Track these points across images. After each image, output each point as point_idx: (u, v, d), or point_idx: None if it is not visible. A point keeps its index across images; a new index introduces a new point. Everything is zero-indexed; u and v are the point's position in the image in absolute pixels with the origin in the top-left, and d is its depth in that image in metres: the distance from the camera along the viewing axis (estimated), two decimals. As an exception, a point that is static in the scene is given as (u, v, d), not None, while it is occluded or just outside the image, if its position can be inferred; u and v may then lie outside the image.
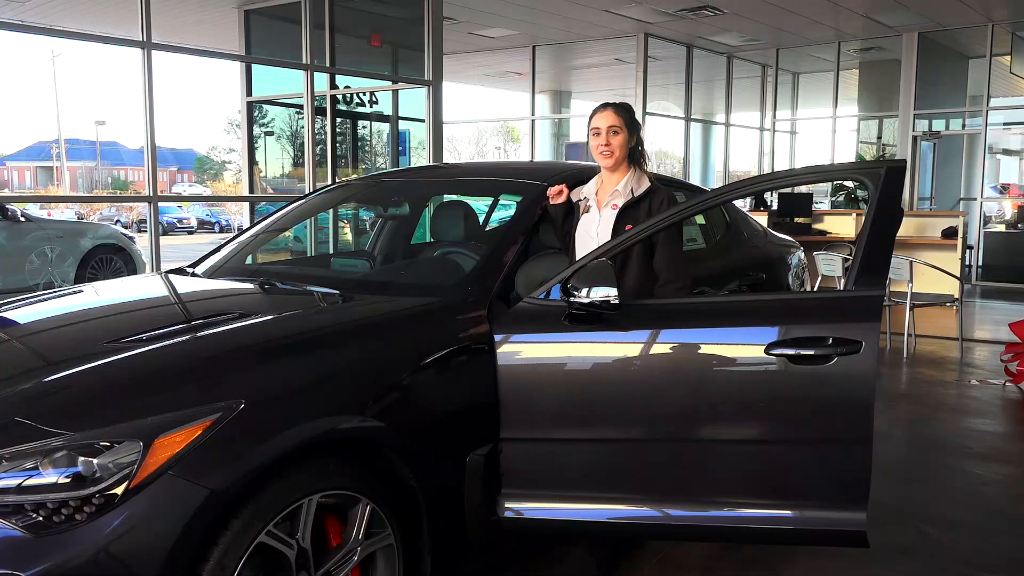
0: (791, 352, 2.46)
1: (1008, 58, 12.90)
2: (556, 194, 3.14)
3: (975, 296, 11.19)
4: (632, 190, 3.04)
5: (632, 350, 2.61)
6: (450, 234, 3.67)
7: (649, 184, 3.05)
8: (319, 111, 8.84)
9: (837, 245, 9.65)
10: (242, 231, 3.98)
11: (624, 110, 3.10)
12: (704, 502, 2.61)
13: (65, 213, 20.94)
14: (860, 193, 13.04)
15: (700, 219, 4.27)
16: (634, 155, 3.11)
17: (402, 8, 9.51)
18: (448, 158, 16.21)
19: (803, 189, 18.04)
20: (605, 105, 3.12)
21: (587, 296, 2.54)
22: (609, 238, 2.93)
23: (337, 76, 9.19)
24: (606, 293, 2.52)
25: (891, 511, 3.75)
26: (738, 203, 6.03)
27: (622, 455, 2.67)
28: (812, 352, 2.45)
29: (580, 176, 3.55)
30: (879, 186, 2.64)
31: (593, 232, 3.03)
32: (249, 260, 3.68)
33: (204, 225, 32.02)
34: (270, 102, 10.06)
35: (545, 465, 2.69)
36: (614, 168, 3.08)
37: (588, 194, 3.13)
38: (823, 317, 2.54)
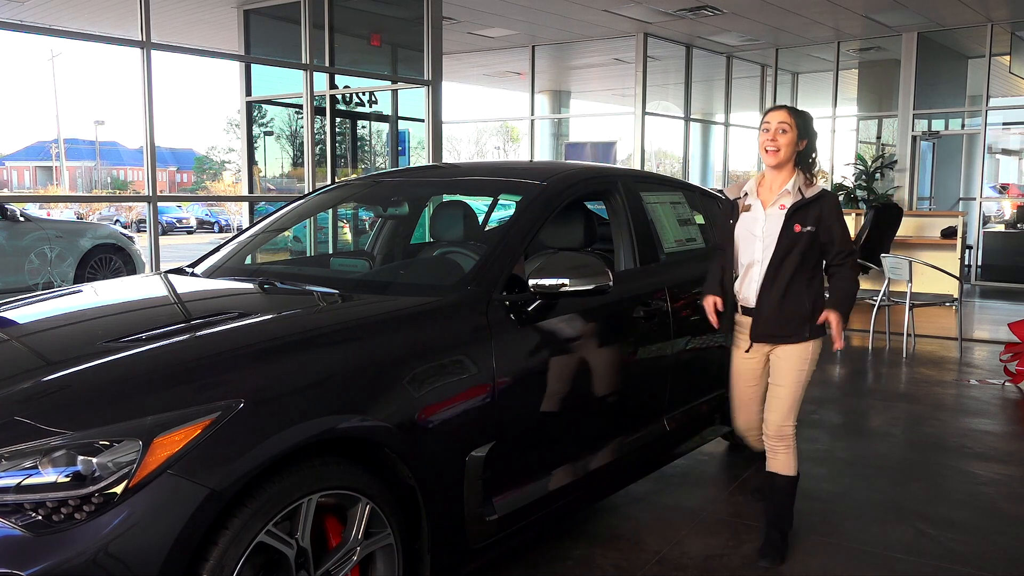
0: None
1: (1007, 58, 12.91)
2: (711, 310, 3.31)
3: (974, 296, 11.19)
4: (801, 190, 3.08)
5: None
6: (449, 234, 3.67)
7: (821, 188, 3.11)
8: (318, 111, 8.84)
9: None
10: (241, 231, 3.98)
11: (798, 115, 3.14)
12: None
13: (64, 213, 20.94)
14: (859, 193, 13.04)
15: (699, 219, 4.27)
16: (803, 159, 3.14)
17: (402, 8, 9.51)
18: (448, 158, 16.22)
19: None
20: (781, 105, 3.20)
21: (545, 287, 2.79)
22: (776, 237, 3.06)
23: (336, 76, 9.19)
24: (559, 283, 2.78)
25: (891, 511, 3.75)
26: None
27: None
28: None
29: (579, 175, 3.56)
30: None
31: (757, 231, 3.11)
32: (248, 260, 3.67)
33: (203, 225, 32.02)
34: (269, 102, 10.05)
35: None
36: (778, 166, 3.10)
37: (749, 191, 3.19)
38: None
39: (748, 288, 3.17)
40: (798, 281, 3.10)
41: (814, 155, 3.17)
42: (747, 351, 3.26)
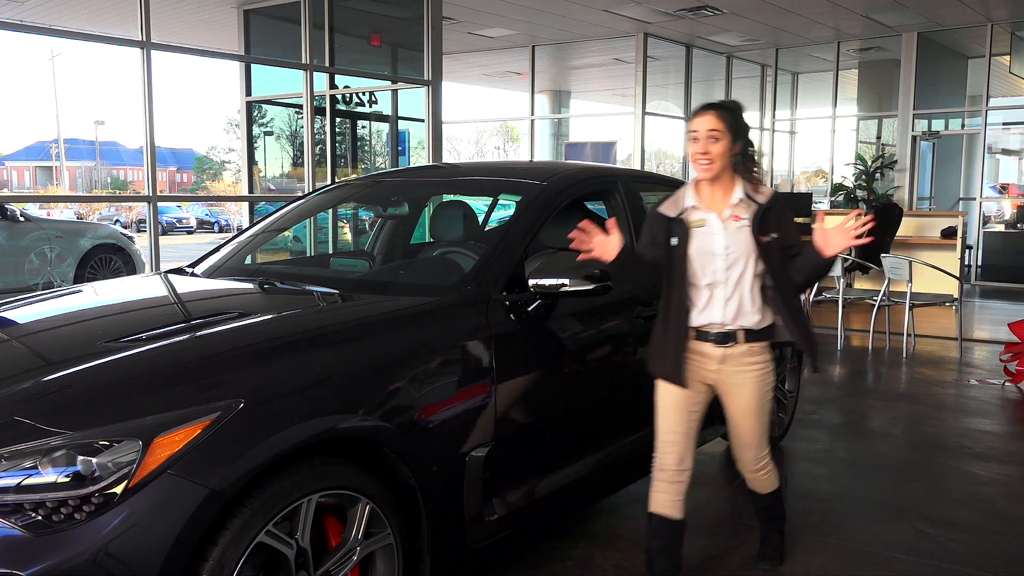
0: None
1: (1007, 58, 12.91)
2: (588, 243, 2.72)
3: (974, 296, 11.19)
4: (752, 197, 2.76)
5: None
6: (449, 234, 3.67)
7: (772, 190, 2.81)
8: (318, 111, 8.84)
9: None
10: (241, 231, 3.98)
11: (728, 114, 2.73)
12: None
13: (64, 213, 20.94)
14: (859, 193, 13.05)
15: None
16: (741, 162, 2.77)
17: (402, 8, 9.51)
18: (448, 158, 16.22)
19: (802, 189, 17.98)
20: (706, 107, 2.75)
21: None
22: (750, 249, 2.72)
23: (336, 76, 9.19)
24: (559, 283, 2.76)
25: (891, 511, 3.75)
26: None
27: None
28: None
29: (579, 175, 3.56)
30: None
31: (718, 248, 2.73)
32: (248, 260, 3.67)
33: (203, 225, 32.03)
34: (269, 102, 10.05)
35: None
36: (715, 179, 2.75)
37: (695, 204, 2.79)
38: None
39: (711, 313, 2.77)
40: (781, 292, 2.80)
41: (749, 152, 2.79)
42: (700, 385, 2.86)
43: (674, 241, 2.77)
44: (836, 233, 2.69)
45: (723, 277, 2.74)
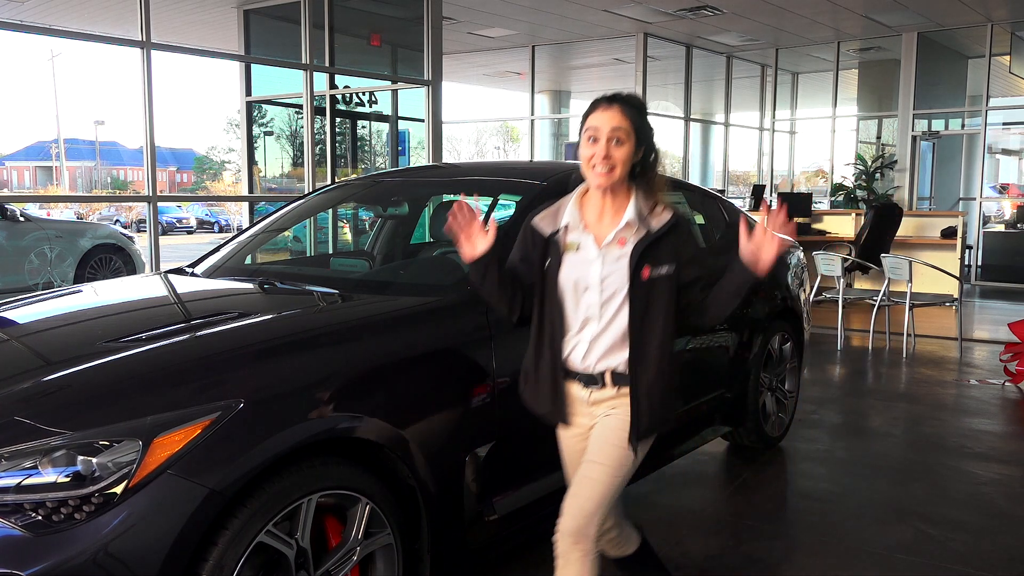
0: None
1: (1007, 58, 12.92)
2: (468, 227, 2.26)
3: (974, 296, 11.19)
4: (643, 217, 2.23)
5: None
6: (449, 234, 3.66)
7: (672, 213, 2.25)
8: (318, 111, 8.84)
9: (836, 245, 9.66)
10: (241, 231, 3.98)
11: (635, 112, 2.23)
12: None
13: (64, 213, 20.94)
14: (859, 193, 13.05)
15: (700, 219, 4.27)
16: (642, 172, 2.27)
17: (402, 8, 9.51)
18: (448, 158, 16.22)
19: (802, 189, 18.00)
20: (611, 99, 2.24)
21: None
22: (626, 286, 2.21)
23: (336, 76, 9.19)
24: None
25: (891, 510, 3.75)
26: (738, 203, 6.02)
27: None
28: None
29: (579, 175, 3.55)
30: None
31: (592, 280, 2.22)
32: (248, 260, 3.67)
33: (203, 225, 32.03)
34: (269, 102, 10.05)
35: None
36: (608, 192, 2.25)
37: (571, 223, 2.27)
38: None
39: (578, 350, 2.27)
40: (668, 340, 2.25)
41: (654, 159, 2.27)
42: (587, 427, 2.34)
43: (548, 263, 2.28)
44: (762, 242, 2.19)
45: (596, 313, 2.24)
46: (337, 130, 9.43)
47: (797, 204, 10.85)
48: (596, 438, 2.29)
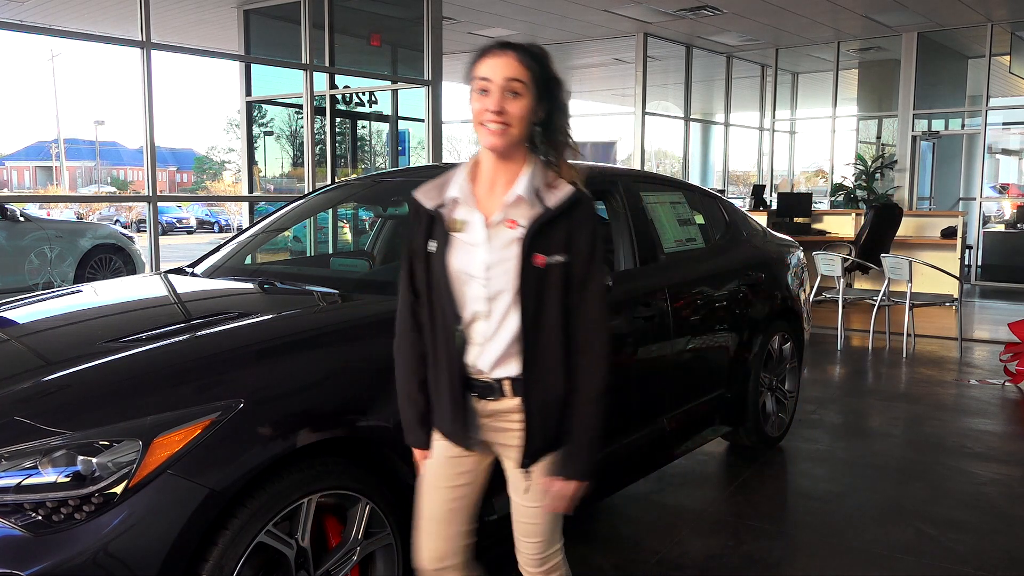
0: None
1: (1007, 58, 12.91)
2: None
3: (974, 296, 11.19)
4: (540, 194, 1.84)
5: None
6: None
7: (572, 188, 1.85)
8: (318, 111, 8.84)
9: (836, 245, 9.66)
10: (241, 231, 3.98)
11: (535, 59, 1.88)
12: None
13: (64, 213, 20.94)
14: (859, 193, 13.05)
15: (699, 219, 4.27)
16: (544, 136, 1.89)
17: (402, 8, 9.51)
18: (448, 158, 16.20)
19: (802, 189, 18.03)
20: (505, 45, 1.87)
21: None
22: (515, 276, 1.82)
23: (336, 76, 9.19)
24: None
25: (891, 511, 3.75)
26: (737, 203, 6.02)
27: None
28: None
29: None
30: None
31: (476, 268, 1.84)
32: (248, 260, 3.67)
33: (203, 225, 32.03)
34: (269, 102, 10.05)
35: None
36: (505, 153, 1.86)
37: (460, 195, 1.89)
38: None
39: (471, 353, 1.90)
40: (562, 341, 1.89)
41: (559, 123, 1.89)
42: (461, 451, 1.99)
43: (432, 246, 1.89)
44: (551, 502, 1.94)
45: (484, 309, 1.86)
46: (337, 130, 9.43)
47: (797, 204, 10.86)
48: (514, 465, 1.97)
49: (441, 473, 2.02)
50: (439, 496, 2.02)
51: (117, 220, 24.48)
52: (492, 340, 1.88)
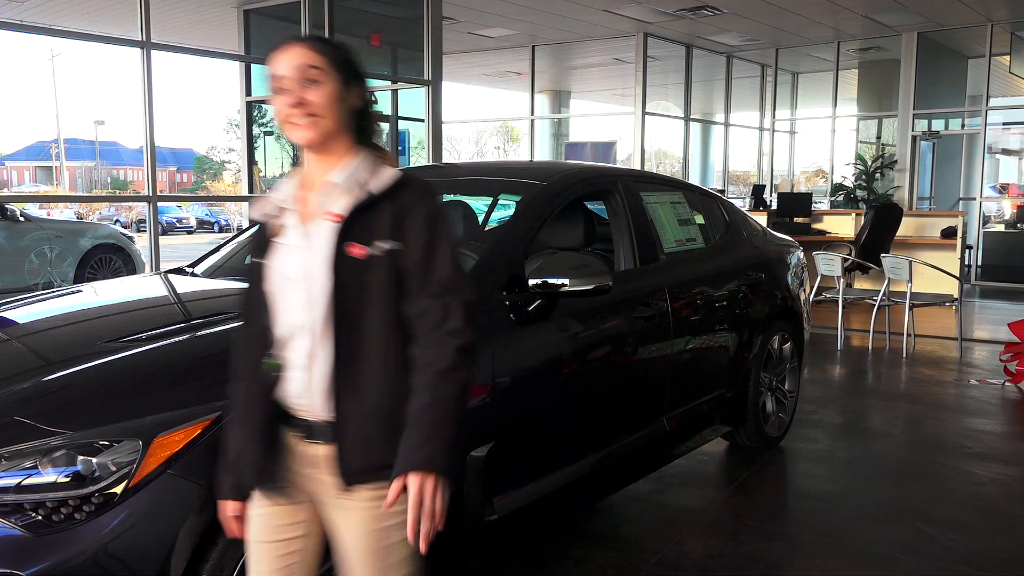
0: None
1: (1007, 58, 12.91)
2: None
3: (974, 296, 11.19)
4: (360, 182, 1.65)
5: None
6: (449, 234, 3.65)
7: (399, 172, 1.68)
8: (318, 111, 8.82)
9: (836, 245, 9.66)
10: (241, 231, 3.98)
11: (329, 46, 1.72)
12: None
13: (64, 213, 20.95)
14: (859, 193, 13.05)
15: (699, 219, 4.27)
16: (360, 125, 1.73)
17: (402, 8, 9.51)
18: (448, 158, 16.22)
19: (802, 189, 18.02)
20: (292, 39, 1.68)
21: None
22: (326, 273, 1.60)
23: (336, 76, 9.17)
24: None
25: (891, 511, 3.75)
26: (737, 203, 6.03)
27: None
28: None
29: (579, 175, 3.55)
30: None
31: (291, 270, 1.65)
32: (248, 260, 3.67)
33: (203, 225, 32.04)
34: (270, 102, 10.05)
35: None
36: (322, 147, 1.68)
37: (284, 200, 1.72)
38: None
39: (289, 383, 1.65)
40: (392, 350, 1.61)
41: (369, 109, 1.77)
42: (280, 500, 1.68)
43: (260, 261, 1.72)
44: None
45: (302, 321, 1.63)
46: (337, 130, 9.42)
47: (797, 204, 10.86)
48: (344, 532, 1.67)
49: (266, 526, 1.69)
50: (267, 553, 1.69)
51: (117, 220, 24.50)
52: (314, 364, 1.62)
